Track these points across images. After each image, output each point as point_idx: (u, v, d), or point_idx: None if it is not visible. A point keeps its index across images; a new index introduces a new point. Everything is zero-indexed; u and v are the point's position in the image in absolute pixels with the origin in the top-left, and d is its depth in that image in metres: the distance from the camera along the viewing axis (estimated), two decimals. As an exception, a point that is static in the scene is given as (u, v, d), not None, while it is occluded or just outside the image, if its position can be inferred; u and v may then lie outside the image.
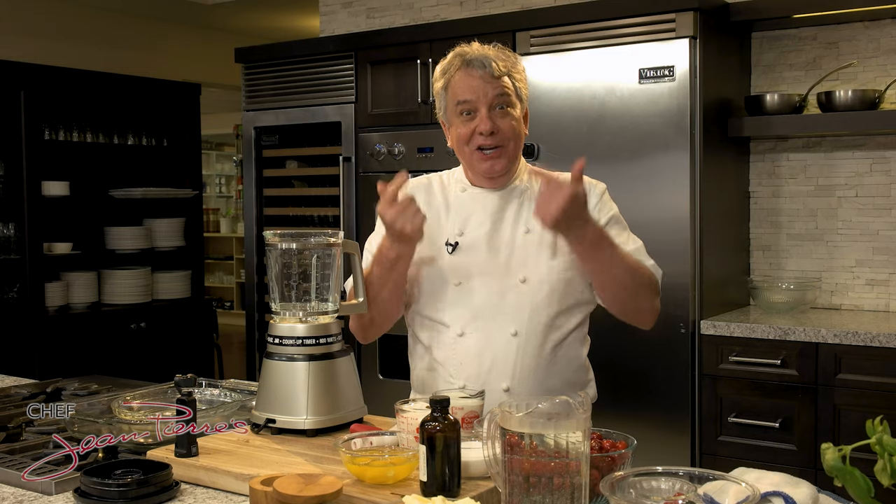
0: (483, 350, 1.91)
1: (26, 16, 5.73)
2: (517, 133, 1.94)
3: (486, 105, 1.90)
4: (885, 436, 1.06)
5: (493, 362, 1.90)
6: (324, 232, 1.81)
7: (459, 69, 1.92)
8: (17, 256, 4.81)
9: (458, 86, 1.93)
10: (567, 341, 1.95)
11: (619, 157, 3.24)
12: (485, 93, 1.89)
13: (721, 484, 1.20)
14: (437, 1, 4.35)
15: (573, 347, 1.97)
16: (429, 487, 1.35)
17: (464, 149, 1.95)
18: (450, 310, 1.94)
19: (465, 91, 1.91)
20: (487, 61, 1.90)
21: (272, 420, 1.73)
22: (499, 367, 1.90)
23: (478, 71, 1.90)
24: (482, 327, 1.92)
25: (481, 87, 1.90)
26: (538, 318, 1.91)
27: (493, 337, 1.91)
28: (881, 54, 3.41)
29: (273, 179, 4.30)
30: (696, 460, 3.14)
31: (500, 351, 1.90)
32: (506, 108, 1.91)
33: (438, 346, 1.96)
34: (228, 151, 11.89)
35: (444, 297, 1.95)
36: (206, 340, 5.78)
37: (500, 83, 1.90)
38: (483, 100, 1.90)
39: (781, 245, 3.62)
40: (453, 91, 1.94)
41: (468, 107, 1.91)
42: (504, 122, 1.91)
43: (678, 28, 3.16)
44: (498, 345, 1.90)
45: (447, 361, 1.94)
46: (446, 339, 1.95)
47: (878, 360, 2.87)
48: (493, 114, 1.90)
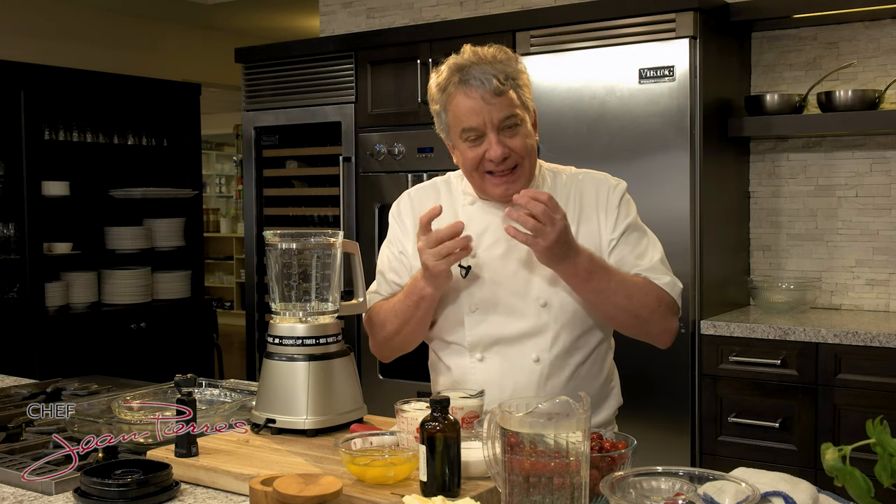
0: (504, 376, 1.83)
1: (26, 16, 5.73)
2: (530, 148, 1.79)
3: (493, 129, 1.74)
4: (885, 436, 1.06)
5: (514, 389, 1.81)
6: (324, 232, 1.81)
7: (458, 88, 1.75)
8: (17, 256, 4.82)
9: (459, 110, 1.76)
10: (590, 359, 1.88)
11: (619, 157, 3.24)
12: (490, 117, 1.74)
13: (721, 484, 1.20)
14: (437, 1, 4.35)
15: (596, 364, 1.89)
16: (429, 487, 1.35)
17: (473, 174, 1.82)
18: (469, 336, 1.85)
19: (469, 117, 1.75)
20: (487, 77, 1.72)
21: (272, 420, 1.73)
22: (520, 394, 1.80)
23: (478, 91, 1.73)
24: (503, 353, 1.83)
25: (485, 110, 1.73)
26: (560, 343, 1.82)
27: (515, 363, 1.83)
28: (881, 54, 3.41)
29: (273, 179, 4.30)
30: (696, 460, 3.14)
31: (523, 377, 1.82)
32: (514, 126, 1.76)
33: (459, 369, 1.90)
34: (228, 151, 11.89)
35: (461, 322, 1.86)
36: (206, 340, 5.79)
37: (504, 101, 1.74)
38: (489, 124, 1.74)
39: (781, 245, 3.62)
40: (455, 115, 1.78)
41: (474, 133, 1.76)
42: (515, 142, 1.76)
43: (678, 28, 3.16)
44: (520, 371, 1.82)
45: (468, 384, 1.85)
46: (466, 364, 1.87)
47: (878, 360, 2.87)
48: (501, 136, 1.75)
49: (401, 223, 1.96)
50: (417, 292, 1.79)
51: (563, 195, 1.87)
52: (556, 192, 1.85)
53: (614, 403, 1.95)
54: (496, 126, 1.75)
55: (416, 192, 1.99)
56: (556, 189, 1.89)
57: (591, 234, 1.85)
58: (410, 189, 2.02)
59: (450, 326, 1.88)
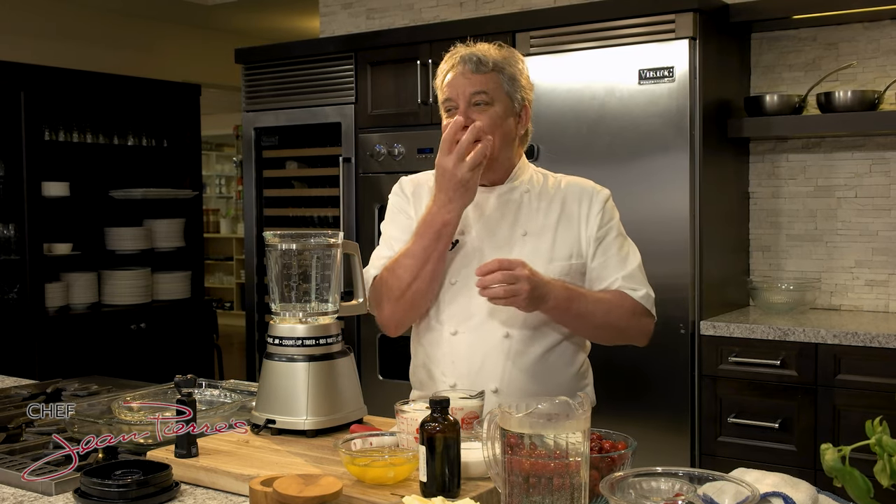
0: (474, 350, 1.91)
1: (26, 16, 5.73)
2: (499, 131, 1.91)
3: (465, 101, 1.90)
4: (884, 436, 1.06)
5: (483, 363, 1.90)
6: (324, 233, 1.81)
7: (452, 67, 1.94)
8: (17, 257, 4.82)
9: (444, 82, 1.95)
10: (561, 347, 1.95)
11: (619, 157, 3.25)
12: (464, 90, 1.90)
13: (721, 484, 1.20)
14: (437, 2, 4.35)
15: (567, 353, 1.96)
16: (429, 488, 1.35)
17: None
18: (445, 308, 1.95)
19: (449, 89, 1.93)
20: (474, 57, 1.91)
21: (272, 421, 1.73)
22: (488, 368, 1.90)
23: (461, 67, 1.92)
24: (476, 327, 1.92)
25: (461, 84, 1.91)
26: (531, 322, 1.90)
27: (486, 338, 1.91)
28: (881, 55, 3.42)
29: (273, 180, 4.30)
30: (695, 461, 3.14)
31: (492, 352, 1.90)
32: (484, 104, 1.90)
33: (433, 344, 1.97)
34: (228, 152, 11.89)
35: (441, 295, 1.95)
36: (206, 341, 5.79)
37: (480, 79, 1.90)
38: (462, 96, 1.90)
39: (781, 246, 3.63)
40: (441, 88, 1.97)
41: (450, 104, 1.94)
42: (482, 118, 1.89)
43: (678, 29, 3.16)
44: (489, 346, 1.91)
45: (441, 359, 1.95)
46: (440, 338, 1.95)
47: (878, 361, 2.88)
48: (470, 109, 1.90)
49: (403, 196, 2.07)
50: (440, 221, 1.86)
51: (548, 199, 1.98)
52: (544, 195, 1.98)
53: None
54: (467, 100, 1.90)
55: (416, 176, 2.12)
56: (545, 191, 1.99)
57: (572, 239, 1.95)
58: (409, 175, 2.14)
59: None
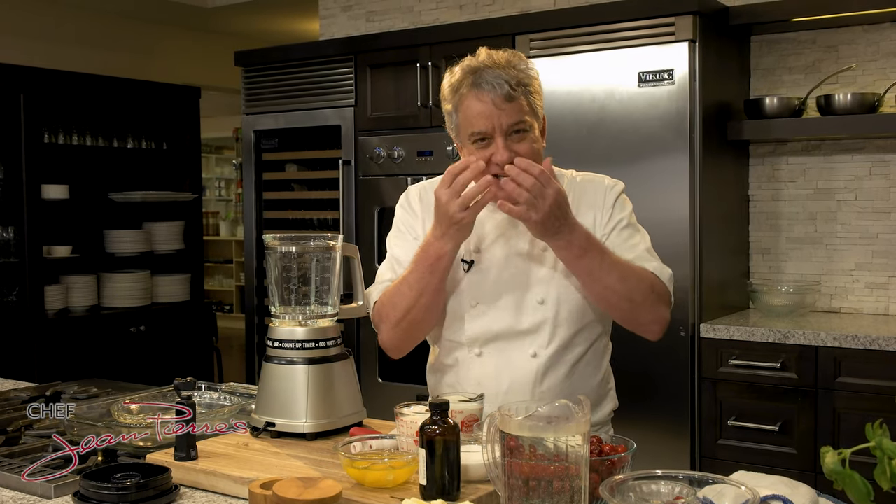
0: (501, 371, 1.86)
1: (26, 19, 5.73)
2: (536, 154, 1.80)
3: (501, 134, 1.76)
4: (884, 439, 1.06)
5: (510, 384, 1.85)
6: (323, 235, 1.80)
7: (470, 91, 1.78)
8: (16, 260, 4.81)
9: (469, 112, 1.78)
10: (586, 357, 1.90)
11: (619, 160, 3.24)
12: (500, 122, 1.76)
13: (721, 487, 1.20)
14: (437, 4, 4.35)
15: (592, 362, 1.91)
16: (428, 491, 1.35)
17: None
18: (468, 331, 1.89)
19: (479, 121, 1.77)
20: (499, 82, 1.75)
21: (271, 423, 1.73)
22: (516, 389, 1.85)
23: (489, 95, 1.76)
24: (501, 348, 1.87)
25: (495, 114, 1.75)
26: (557, 339, 1.85)
27: (512, 358, 1.86)
28: (880, 58, 3.42)
29: (272, 183, 4.30)
30: (695, 464, 3.14)
31: (519, 372, 1.85)
32: (522, 132, 1.79)
33: (456, 365, 1.92)
34: (228, 155, 11.89)
35: (462, 317, 1.89)
36: (206, 344, 5.78)
37: (514, 107, 1.76)
38: (498, 129, 1.76)
39: (781, 248, 3.62)
40: (465, 117, 1.80)
41: (482, 136, 1.78)
42: (522, 147, 1.77)
43: (678, 32, 3.16)
44: (516, 366, 1.85)
45: (465, 381, 1.89)
46: (464, 359, 1.90)
47: (878, 364, 2.87)
48: (509, 141, 1.77)
49: (410, 210, 1.99)
50: (433, 253, 1.78)
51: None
52: None
53: (610, 405, 1.98)
54: (504, 131, 1.77)
55: (423, 185, 2.03)
56: None
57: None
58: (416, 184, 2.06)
59: (450, 322, 1.91)
